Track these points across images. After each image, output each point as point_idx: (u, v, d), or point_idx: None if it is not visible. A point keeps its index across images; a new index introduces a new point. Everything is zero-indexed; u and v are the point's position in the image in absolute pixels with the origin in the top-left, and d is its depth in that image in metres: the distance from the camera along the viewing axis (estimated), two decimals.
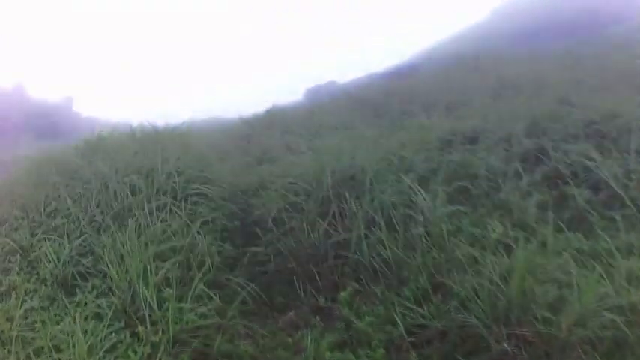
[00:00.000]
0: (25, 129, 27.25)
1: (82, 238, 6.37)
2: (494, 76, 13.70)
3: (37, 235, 6.63)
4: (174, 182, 7.04)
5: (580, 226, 5.75)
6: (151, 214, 6.36)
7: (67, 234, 6.49)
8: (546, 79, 12.04)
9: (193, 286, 5.24)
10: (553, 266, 4.68)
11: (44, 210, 7.10)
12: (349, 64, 52.42)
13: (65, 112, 37.21)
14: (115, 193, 6.87)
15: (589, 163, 6.67)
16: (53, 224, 6.77)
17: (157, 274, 5.30)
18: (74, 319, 4.90)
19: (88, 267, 5.93)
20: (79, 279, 5.81)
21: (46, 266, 5.97)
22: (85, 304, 5.31)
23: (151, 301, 4.97)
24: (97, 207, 6.87)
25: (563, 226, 5.58)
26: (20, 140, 22.93)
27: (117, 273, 5.32)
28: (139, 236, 5.92)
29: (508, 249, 5.12)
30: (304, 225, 6.07)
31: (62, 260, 5.99)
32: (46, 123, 29.81)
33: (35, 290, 5.70)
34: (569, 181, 6.53)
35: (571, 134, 7.64)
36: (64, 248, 6.18)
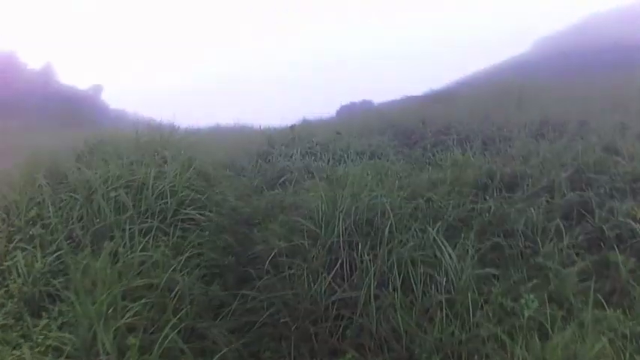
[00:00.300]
0: (46, 113, 26.89)
1: (57, 254, 5.56)
2: (538, 114, 12.82)
3: (14, 241, 5.87)
4: (165, 203, 6.17)
5: (621, 300, 4.97)
6: (132, 238, 5.48)
7: (43, 247, 5.72)
8: (591, 121, 11.41)
9: (163, 335, 4.37)
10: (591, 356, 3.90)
11: (25, 215, 6.28)
12: (386, 85, 51.76)
13: (92, 101, 37.09)
14: (99, 207, 6.01)
15: (635, 226, 5.86)
16: (31, 233, 5.96)
17: (123, 316, 4.48)
18: (33, 347, 4.34)
19: (58, 289, 5.13)
20: (47, 300, 5.07)
21: (16, 280, 5.21)
22: (47, 333, 4.57)
23: (109, 349, 4.13)
24: (79, 220, 6.03)
25: (603, 301, 4.76)
26: (38, 124, 22.51)
27: (81, 306, 4.48)
28: (115, 262, 5.12)
29: (542, 329, 4.35)
30: (306, 274, 5.17)
31: (32, 277, 5.23)
32: (69, 110, 29.52)
33: (2, 305, 5.00)
34: (614, 246, 5.65)
35: (617, 188, 6.85)
36: (37, 262, 5.42)
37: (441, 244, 5.28)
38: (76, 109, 30.94)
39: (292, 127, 12.95)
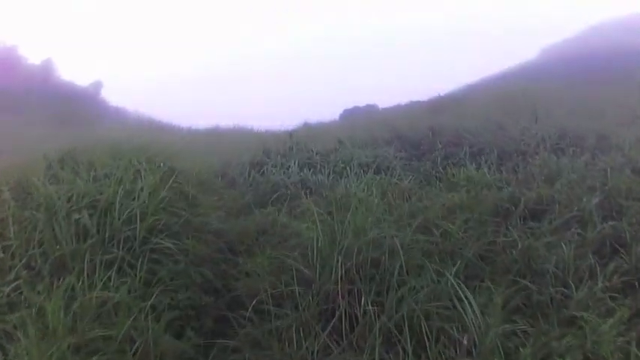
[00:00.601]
0: (45, 109, 26.42)
1: (15, 284, 4.67)
2: (553, 125, 12.15)
3: None
4: (134, 228, 5.26)
5: None
6: (92, 273, 4.58)
7: (3, 273, 4.88)
8: (608, 133, 10.98)
9: None
10: None
11: None
12: (390, 89, 51.02)
13: (92, 98, 36.57)
14: (60, 231, 5.10)
15: None
16: None
17: None
18: None
19: (14, 325, 4.24)
20: (4, 337, 4.23)
21: None
22: None
23: None
24: (40, 246, 5.09)
25: None
26: (37, 120, 21.96)
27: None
28: (70, 302, 4.26)
29: None
30: (296, 327, 4.22)
31: None
32: (69, 106, 29.01)
33: None
34: None
35: None
36: None
37: (459, 290, 4.36)
38: (75, 106, 30.36)
39: (291, 135, 11.98)
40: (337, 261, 4.51)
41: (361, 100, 32.09)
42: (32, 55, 40.90)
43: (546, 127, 11.95)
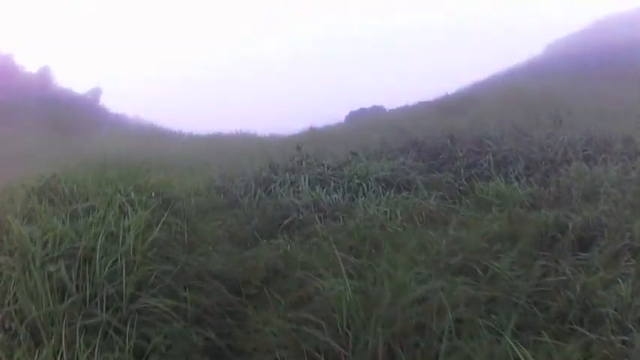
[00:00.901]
0: (43, 118, 25.87)
1: None
2: (573, 126, 11.82)
3: None
4: (120, 283, 4.34)
5: None
6: (72, 342, 3.73)
7: None
8: (633, 137, 10.33)
9: None
10: None
11: None
12: (391, 89, 50.32)
13: (90, 105, 35.99)
14: (35, 288, 4.21)
15: None
16: None
17: None
18: None
19: None
20: None
21: None
22: None
23: None
24: (15, 301, 4.22)
25: None
26: (35, 130, 21.33)
27: None
28: None
29: None
30: None
31: None
32: (67, 115, 28.43)
33: None
34: None
35: None
36: None
37: (517, 350, 3.49)
38: (73, 114, 29.74)
39: (298, 147, 11.02)
40: (374, 332, 3.56)
41: (363, 101, 31.67)
42: (29, 64, 40.01)
43: (567, 129, 11.51)
